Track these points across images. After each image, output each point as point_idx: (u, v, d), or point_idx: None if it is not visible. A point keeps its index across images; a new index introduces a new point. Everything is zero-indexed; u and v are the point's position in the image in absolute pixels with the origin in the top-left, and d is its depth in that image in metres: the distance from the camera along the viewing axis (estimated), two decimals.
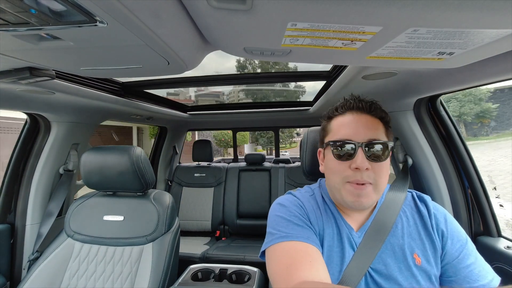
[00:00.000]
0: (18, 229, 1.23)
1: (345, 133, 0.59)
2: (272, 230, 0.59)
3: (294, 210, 0.61)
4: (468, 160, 0.98)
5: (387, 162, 0.58)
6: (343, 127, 0.60)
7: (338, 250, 0.58)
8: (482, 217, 0.96)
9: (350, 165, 0.56)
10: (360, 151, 0.55)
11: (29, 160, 1.26)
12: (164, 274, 0.97)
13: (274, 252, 0.55)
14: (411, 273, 0.55)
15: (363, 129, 0.58)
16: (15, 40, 0.47)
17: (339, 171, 0.58)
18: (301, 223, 0.58)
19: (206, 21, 0.44)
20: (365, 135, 0.57)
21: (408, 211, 0.63)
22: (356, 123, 0.59)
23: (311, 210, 0.63)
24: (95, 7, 0.35)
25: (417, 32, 0.41)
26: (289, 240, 0.54)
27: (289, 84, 2.32)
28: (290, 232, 0.56)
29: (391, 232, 0.58)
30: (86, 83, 1.02)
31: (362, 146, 0.56)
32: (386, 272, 0.55)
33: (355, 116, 0.60)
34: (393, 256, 0.57)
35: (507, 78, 0.66)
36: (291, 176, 2.21)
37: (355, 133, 0.58)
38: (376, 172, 0.56)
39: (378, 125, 0.60)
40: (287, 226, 0.58)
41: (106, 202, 1.14)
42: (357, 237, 0.59)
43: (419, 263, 0.56)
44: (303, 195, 0.67)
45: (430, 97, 0.99)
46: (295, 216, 0.60)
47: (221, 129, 3.07)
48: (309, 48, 0.50)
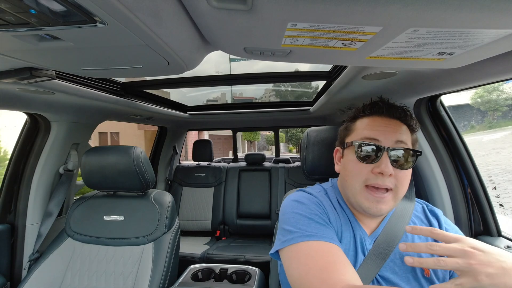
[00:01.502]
0: (18, 229, 1.23)
1: (370, 134, 0.56)
2: (291, 228, 0.55)
3: (313, 208, 0.58)
4: (468, 160, 0.98)
5: (410, 171, 0.56)
6: (369, 128, 0.58)
7: (352, 254, 0.57)
8: (482, 216, 0.96)
9: (373, 169, 0.54)
10: (385, 155, 0.53)
11: (29, 160, 1.26)
12: (164, 274, 0.97)
13: (298, 253, 0.51)
14: (419, 284, 0.54)
15: (391, 134, 0.55)
16: (15, 41, 0.47)
17: (360, 174, 0.55)
18: (323, 222, 0.56)
19: (206, 21, 0.44)
20: (392, 139, 0.55)
21: (418, 222, 0.62)
22: (384, 126, 0.57)
23: (330, 210, 0.60)
24: (95, 7, 0.35)
25: (417, 32, 0.41)
26: (314, 240, 0.51)
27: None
28: (314, 232, 0.53)
29: (400, 241, 0.57)
30: (86, 83, 1.02)
31: (388, 150, 0.53)
32: (394, 281, 0.54)
33: (383, 119, 0.58)
34: (402, 265, 0.56)
35: (507, 78, 0.66)
36: (291, 176, 2.22)
37: (382, 135, 0.55)
38: (398, 179, 0.54)
39: (406, 132, 0.57)
40: (309, 224, 0.54)
41: (106, 202, 1.14)
42: (368, 243, 0.58)
43: (427, 275, 0.55)
44: (319, 194, 0.64)
45: (430, 97, 0.99)
46: (315, 215, 0.57)
47: (221, 129, 3.07)
48: (309, 48, 0.50)
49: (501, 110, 14.82)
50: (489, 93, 15.08)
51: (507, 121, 14.39)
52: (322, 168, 0.83)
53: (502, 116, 14.98)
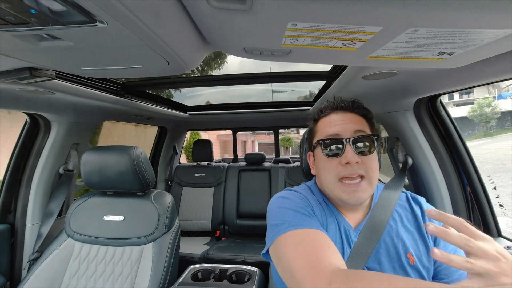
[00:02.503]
0: (18, 229, 1.23)
1: (331, 131, 0.61)
2: (277, 222, 0.56)
3: (298, 201, 0.60)
4: (468, 160, 0.98)
5: (375, 155, 0.60)
6: (329, 126, 0.62)
7: (339, 247, 0.58)
8: (482, 217, 0.96)
9: (340, 161, 0.57)
10: (348, 146, 0.57)
11: (29, 160, 1.26)
12: (164, 274, 0.97)
13: (286, 242, 0.52)
14: (405, 272, 0.55)
15: (349, 126, 0.60)
16: (15, 40, 0.47)
17: (331, 169, 0.59)
18: (308, 214, 0.57)
19: (206, 21, 0.44)
20: (351, 131, 0.59)
21: (402, 211, 0.64)
22: (341, 120, 0.61)
23: (315, 204, 0.63)
24: (95, 7, 0.35)
25: (417, 32, 0.41)
26: (300, 228, 0.52)
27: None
28: (299, 222, 0.54)
29: (385, 231, 0.59)
30: (86, 83, 1.02)
31: (350, 141, 0.57)
32: (380, 271, 0.56)
33: (339, 115, 0.63)
34: (387, 255, 0.57)
35: (507, 78, 0.66)
36: (291, 176, 2.21)
37: (341, 130, 0.59)
38: (366, 165, 0.57)
39: (362, 121, 0.62)
40: (294, 216, 0.56)
41: (106, 202, 1.14)
42: (354, 235, 0.60)
43: (412, 263, 0.56)
44: (303, 191, 0.67)
45: (430, 97, 0.99)
46: (300, 207, 0.58)
47: (221, 129, 3.07)
48: (309, 48, 0.50)
49: (490, 122, 19.12)
50: (481, 108, 18.97)
51: (498, 130, 18.83)
52: None
53: (492, 127, 19.34)
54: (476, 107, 19.14)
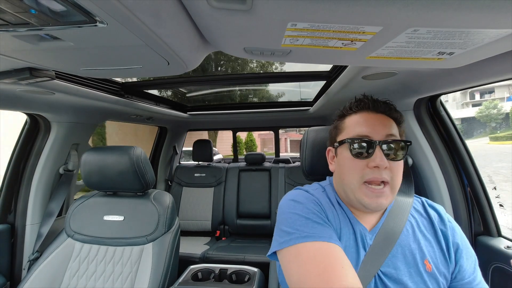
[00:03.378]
0: (18, 229, 1.23)
1: (361, 130, 0.58)
2: (288, 229, 0.54)
3: (311, 207, 0.58)
4: (468, 160, 0.98)
5: (402, 162, 0.57)
6: (359, 125, 0.59)
7: (353, 251, 0.57)
8: (482, 217, 0.96)
9: (368, 164, 0.55)
10: (378, 149, 0.54)
11: (29, 160, 1.26)
12: (164, 274, 0.97)
13: (296, 255, 0.50)
14: (422, 279, 0.54)
15: (380, 128, 0.57)
16: (15, 41, 0.47)
17: (356, 170, 0.56)
18: (321, 221, 0.55)
19: (206, 21, 0.44)
20: (382, 133, 0.56)
21: (418, 217, 0.62)
22: (372, 121, 0.58)
23: (328, 207, 0.60)
24: (95, 7, 0.35)
25: (417, 32, 0.41)
26: (311, 241, 0.50)
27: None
28: (312, 232, 0.52)
29: (401, 236, 0.57)
30: (86, 83, 1.02)
31: (380, 144, 0.55)
32: (396, 276, 0.54)
33: (370, 114, 0.59)
34: (403, 260, 0.56)
35: (507, 78, 0.66)
36: (291, 176, 2.21)
37: (372, 131, 0.56)
38: (393, 171, 0.55)
39: (393, 125, 0.59)
40: (306, 224, 0.54)
41: (106, 202, 1.14)
42: (369, 238, 0.58)
43: (429, 270, 0.55)
44: (316, 192, 0.64)
45: (430, 97, 0.99)
46: (313, 214, 0.56)
47: (221, 129, 3.06)
48: (309, 48, 0.50)
49: (496, 122, 21.20)
50: (488, 110, 20.67)
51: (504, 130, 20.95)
52: (321, 168, 0.82)
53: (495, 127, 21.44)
54: (483, 108, 20.59)
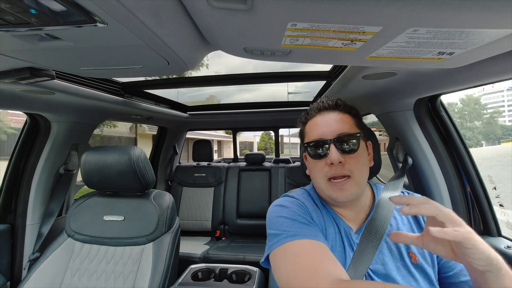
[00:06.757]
0: (18, 229, 1.23)
1: (316, 133, 0.62)
2: (275, 231, 0.57)
3: (295, 209, 0.61)
4: (468, 160, 0.98)
5: (360, 153, 0.60)
6: (314, 128, 0.63)
7: (340, 250, 0.58)
8: (482, 216, 0.96)
9: (326, 162, 0.59)
10: (333, 147, 0.58)
11: (29, 160, 1.26)
12: (164, 274, 0.97)
13: (284, 253, 0.52)
14: (409, 271, 0.55)
15: (332, 126, 0.61)
16: (15, 40, 0.47)
17: (319, 170, 0.60)
18: (306, 222, 0.58)
19: (206, 21, 0.44)
20: (334, 131, 0.60)
21: None
22: (325, 121, 0.62)
23: (313, 209, 0.63)
24: (95, 7, 0.35)
25: (417, 32, 0.41)
26: (298, 239, 0.53)
27: None
28: (298, 231, 0.54)
29: (386, 232, 0.59)
30: (86, 83, 1.02)
31: (333, 142, 0.58)
32: (385, 272, 0.55)
33: (324, 115, 0.64)
34: (390, 255, 0.57)
35: (507, 78, 0.66)
36: (291, 176, 2.21)
37: (325, 131, 0.60)
38: (351, 164, 0.58)
39: (347, 120, 0.62)
40: (292, 225, 0.56)
41: (106, 202, 1.14)
42: (355, 237, 0.60)
43: (415, 261, 0.56)
44: (301, 196, 0.67)
45: (430, 97, 0.99)
46: (298, 215, 0.59)
47: (221, 129, 3.06)
48: (309, 48, 0.50)
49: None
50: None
51: None
52: None
53: None
54: None
